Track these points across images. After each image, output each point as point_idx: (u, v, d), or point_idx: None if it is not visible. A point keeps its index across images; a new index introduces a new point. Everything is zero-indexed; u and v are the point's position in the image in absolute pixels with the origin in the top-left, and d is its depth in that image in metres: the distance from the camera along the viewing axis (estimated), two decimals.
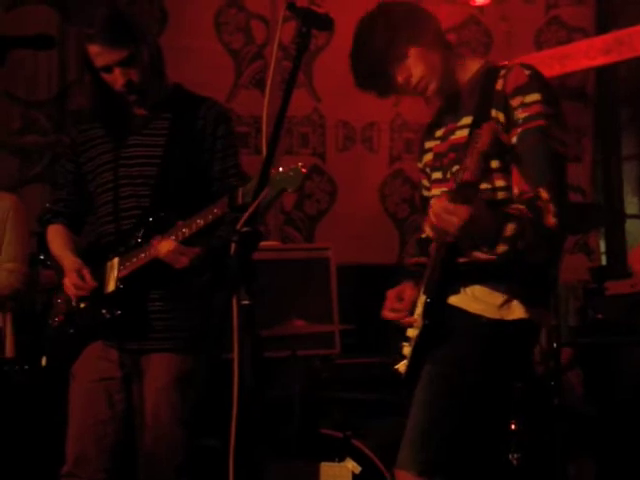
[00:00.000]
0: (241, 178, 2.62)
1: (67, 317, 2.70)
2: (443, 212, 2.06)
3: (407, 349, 2.29)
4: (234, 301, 1.79)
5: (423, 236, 2.45)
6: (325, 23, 2.06)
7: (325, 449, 3.14)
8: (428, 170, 2.44)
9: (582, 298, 4.08)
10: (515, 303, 2.20)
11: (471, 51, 4.95)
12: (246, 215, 1.82)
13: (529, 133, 2.17)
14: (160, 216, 2.57)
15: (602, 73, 5.01)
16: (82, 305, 2.64)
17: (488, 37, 5.02)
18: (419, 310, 2.26)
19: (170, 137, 2.62)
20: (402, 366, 2.30)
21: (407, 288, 2.35)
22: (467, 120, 2.27)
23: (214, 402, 2.53)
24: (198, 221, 2.42)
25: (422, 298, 2.26)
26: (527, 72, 2.21)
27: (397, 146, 5.01)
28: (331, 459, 3.08)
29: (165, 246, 2.48)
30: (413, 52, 2.26)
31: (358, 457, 3.04)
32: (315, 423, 3.35)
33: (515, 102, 2.19)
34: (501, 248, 2.12)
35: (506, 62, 2.32)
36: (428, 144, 2.44)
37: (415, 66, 2.27)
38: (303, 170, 2.14)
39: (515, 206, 2.15)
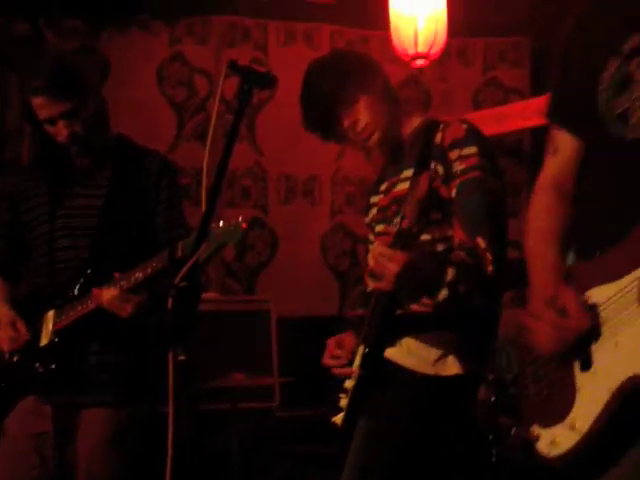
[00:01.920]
0: (186, 229, 2.62)
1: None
2: (382, 258, 2.08)
3: (344, 401, 2.29)
4: (170, 356, 1.78)
5: (369, 289, 2.49)
6: (267, 81, 2.10)
7: None
8: (373, 224, 2.48)
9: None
10: (451, 358, 2.21)
11: (411, 109, 5.05)
12: (184, 269, 1.82)
13: (466, 184, 2.22)
14: (99, 268, 2.55)
15: (537, 132, 5.16)
16: (15, 359, 2.60)
17: (427, 96, 5.13)
18: (357, 361, 2.27)
19: (112, 188, 2.62)
20: (339, 418, 2.30)
21: (348, 337, 2.37)
22: (408, 173, 2.31)
23: (150, 457, 2.50)
24: (137, 274, 2.41)
25: (360, 349, 2.27)
26: (464, 126, 2.28)
27: (338, 199, 5.06)
28: None
29: (108, 293, 2.46)
30: (363, 99, 2.31)
31: None
32: (254, 477, 3.33)
33: (453, 155, 2.25)
34: (442, 294, 2.15)
35: (446, 118, 2.39)
36: (373, 199, 2.48)
37: (363, 113, 2.32)
38: (243, 225, 2.16)
39: (455, 253, 2.20)
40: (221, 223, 2.14)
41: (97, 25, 4.60)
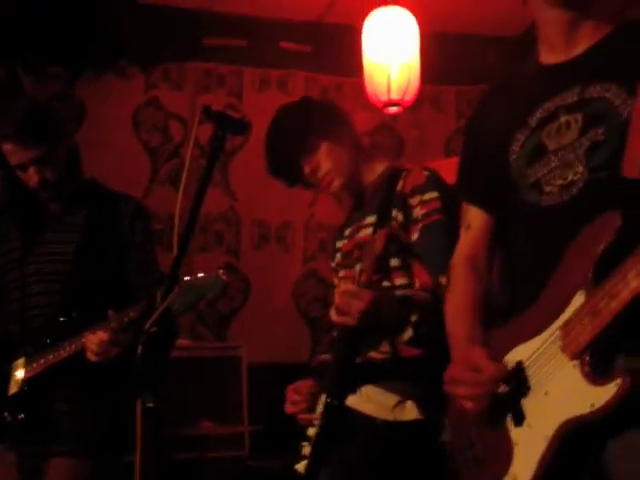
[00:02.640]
0: (159, 273, 2.60)
1: None
2: (347, 294, 2.10)
3: (307, 449, 2.28)
4: (138, 403, 1.75)
5: (335, 335, 2.48)
6: (240, 127, 2.11)
7: None
8: (338, 268, 2.49)
9: None
10: (409, 404, 2.22)
11: (384, 155, 5.08)
12: (155, 316, 1.80)
13: (428, 228, 2.25)
14: (71, 317, 2.51)
15: None
16: None
17: (400, 142, 5.18)
18: (320, 409, 2.26)
19: (85, 233, 2.60)
20: (301, 466, 2.28)
21: (306, 382, 2.35)
22: (371, 219, 2.35)
23: None
24: (112, 324, 2.38)
25: (322, 397, 2.26)
26: (426, 173, 2.32)
27: (311, 246, 5.06)
28: None
29: (98, 337, 2.40)
30: (324, 146, 2.34)
31: None
32: None
33: (414, 201, 2.28)
34: (407, 334, 2.15)
35: (409, 165, 2.42)
36: (338, 244, 2.50)
37: (324, 160, 2.35)
38: (224, 277, 2.15)
39: (418, 294, 2.20)
40: (200, 274, 2.13)
41: (74, 70, 4.62)
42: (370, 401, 2.23)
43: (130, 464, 1.84)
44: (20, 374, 2.52)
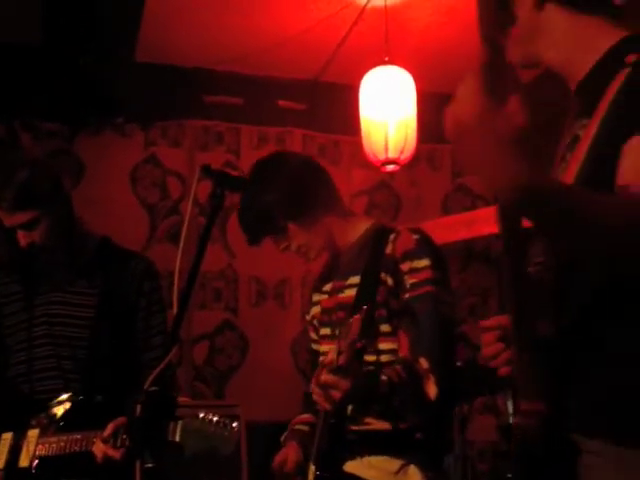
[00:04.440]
0: (165, 336, 2.56)
1: None
2: (326, 386, 2.13)
3: None
4: (137, 464, 1.72)
5: (310, 391, 2.45)
6: (239, 185, 2.13)
7: None
8: (316, 323, 2.46)
9: (492, 460, 4.07)
10: (412, 468, 2.20)
11: (382, 213, 5.11)
12: (154, 374, 1.78)
13: (417, 300, 2.24)
14: (90, 400, 2.47)
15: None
16: None
17: (398, 200, 5.20)
18: (310, 478, 2.22)
19: (102, 298, 2.55)
20: None
21: (291, 451, 2.29)
22: (355, 280, 2.32)
23: None
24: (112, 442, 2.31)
25: (312, 468, 2.22)
26: (415, 237, 2.30)
27: (308, 302, 5.04)
28: None
29: (101, 451, 2.36)
30: (291, 226, 2.32)
31: None
32: None
33: (405, 267, 2.26)
34: (376, 407, 2.15)
35: (394, 225, 2.41)
36: (316, 297, 2.49)
37: (293, 238, 2.33)
38: (236, 430, 2.13)
39: (391, 367, 2.19)
40: (215, 418, 2.09)
41: (72, 128, 4.64)
42: (372, 467, 2.20)
43: None
44: (31, 449, 2.47)
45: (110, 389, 2.52)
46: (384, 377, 2.14)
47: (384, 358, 2.24)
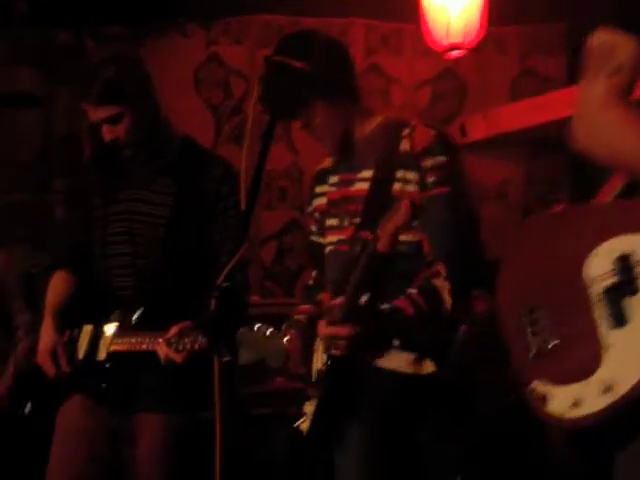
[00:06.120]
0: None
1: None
2: (331, 338, 2.16)
3: (309, 407, 2.28)
4: (215, 358, 1.76)
5: (310, 283, 2.51)
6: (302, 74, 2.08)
7: None
8: (317, 215, 2.45)
9: None
10: (426, 360, 2.22)
11: (446, 103, 5.01)
12: (226, 270, 1.80)
13: (435, 200, 2.21)
14: (162, 300, 2.52)
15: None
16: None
17: (463, 88, 5.07)
18: (319, 365, 2.25)
19: (178, 197, 2.57)
20: (303, 424, 2.28)
21: (296, 341, 2.32)
22: (367, 174, 2.29)
23: (202, 463, 2.49)
24: (202, 340, 2.36)
25: (323, 357, 2.24)
26: (433, 132, 2.26)
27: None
28: None
29: (163, 351, 2.43)
30: (318, 104, 2.26)
31: None
32: None
33: (425, 163, 2.23)
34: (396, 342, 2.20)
35: (407, 118, 2.37)
36: (320, 189, 2.46)
37: (317, 117, 2.27)
38: (287, 345, 2.14)
39: (410, 303, 2.19)
40: (269, 332, 2.10)
41: (135, 31, 4.64)
42: (389, 358, 2.22)
43: (208, 420, 1.86)
44: (107, 343, 2.55)
45: (183, 291, 2.57)
46: (399, 314, 2.15)
47: (402, 248, 2.21)
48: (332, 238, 2.37)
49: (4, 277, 3.35)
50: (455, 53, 4.11)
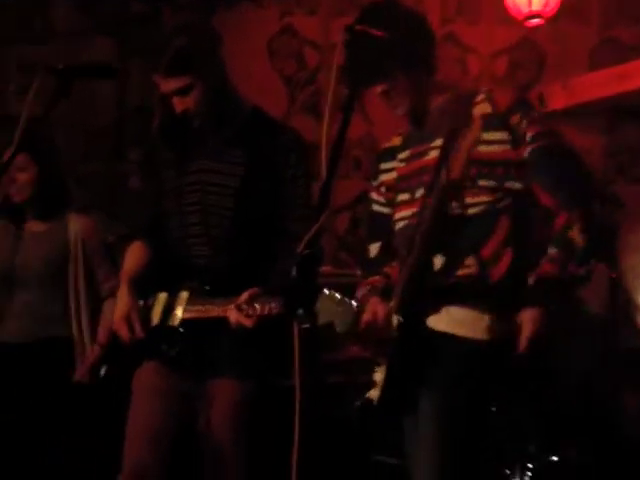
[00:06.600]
0: (308, 208, 2.59)
1: None
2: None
3: (379, 375, 2.26)
4: (295, 324, 1.77)
5: (373, 256, 2.47)
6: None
7: (381, 477, 3.09)
8: (383, 189, 2.44)
9: None
10: (497, 322, 2.19)
11: (524, 72, 4.92)
12: (308, 237, 1.80)
13: (541, 151, 2.19)
14: (233, 268, 2.54)
15: None
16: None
17: (541, 57, 4.97)
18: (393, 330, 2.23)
19: (248, 168, 2.57)
20: (374, 393, 2.27)
21: (379, 306, 2.29)
22: (438, 142, 2.27)
23: (271, 429, 2.52)
24: (272, 305, 2.38)
25: (394, 318, 2.23)
26: (511, 92, 2.29)
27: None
28: None
29: (234, 317, 2.44)
30: (400, 76, 2.25)
31: None
32: (369, 449, 3.31)
33: (514, 120, 2.21)
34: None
35: (476, 88, 2.34)
36: (385, 165, 2.44)
37: (396, 87, 2.25)
38: (355, 308, 2.12)
39: (554, 256, 2.15)
40: (338, 296, 2.09)
41: (210, 1, 4.64)
42: (461, 324, 2.20)
43: (287, 388, 1.87)
44: (180, 310, 2.58)
45: (254, 258, 2.58)
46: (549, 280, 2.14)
47: (470, 211, 2.20)
48: (404, 212, 2.35)
49: (86, 241, 3.38)
50: (535, 21, 4.02)
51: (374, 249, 2.48)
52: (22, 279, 3.31)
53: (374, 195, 2.51)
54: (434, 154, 2.28)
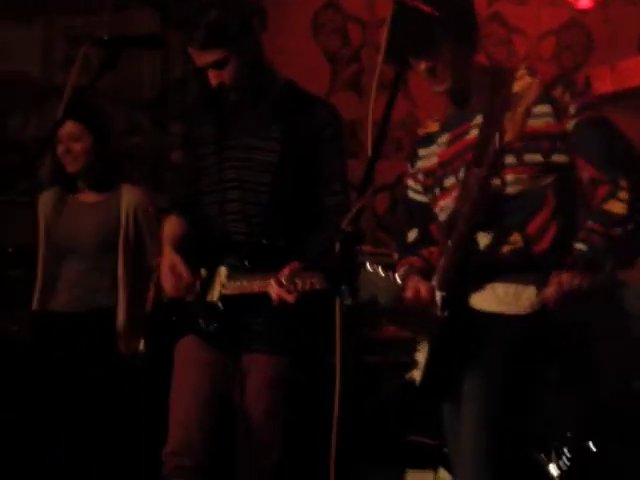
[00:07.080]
0: (343, 184, 2.58)
1: (170, 304, 2.70)
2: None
3: (421, 354, 2.24)
4: (337, 301, 1.76)
5: (411, 240, 2.44)
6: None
7: (416, 457, 3.09)
8: (421, 176, 2.41)
9: None
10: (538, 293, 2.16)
11: (572, 55, 4.84)
12: (351, 214, 1.79)
13: (586, 124, 2.17)
14: (273, 244, 2.54)
15: None
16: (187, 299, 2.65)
17: (589, 40, 4.88)
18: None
19: (286, 143, 2.57)
20: (416, 373, 2.24)
21: (420, 284, 2.26)
22: (479, 119, 2.25)
23: (307, 406, 2.52)
24: (313, 280, 2.37)
25: (437, 295, 2.21)
26: (552, 69, 2.25)
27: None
28: (422, 468, 3.03)
29: (275, 292, 2.43)
30: (445, 47, 2.21)
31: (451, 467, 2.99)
32: (407, 430, 3.30)
33: (556, 93, 2.18)
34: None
35: (514, 66, 2.32)
36: (424, 151, 2.43)
37: (441, 61, 2.22)
38: (398, 283, 2.10)
39: (594, 229, 2.13)
40: (381, 269, 2.08)
41: None
42: (504, 299, 2.18)
43: (331, 364, 1.86)
44: (219, 285, 2.59)
45: (291, 234, 2.58)
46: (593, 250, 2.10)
47: (510, 189, 2.18)
48: (449, 200, 2.32)
49: (139, 213, 3.39)
50: (584, 3, 3.95)
51: (412, 234, 2.47)
52: (75, 249, 3.35)
53: (410, 182, 2.49)
54: (475, 132, 2.26)
